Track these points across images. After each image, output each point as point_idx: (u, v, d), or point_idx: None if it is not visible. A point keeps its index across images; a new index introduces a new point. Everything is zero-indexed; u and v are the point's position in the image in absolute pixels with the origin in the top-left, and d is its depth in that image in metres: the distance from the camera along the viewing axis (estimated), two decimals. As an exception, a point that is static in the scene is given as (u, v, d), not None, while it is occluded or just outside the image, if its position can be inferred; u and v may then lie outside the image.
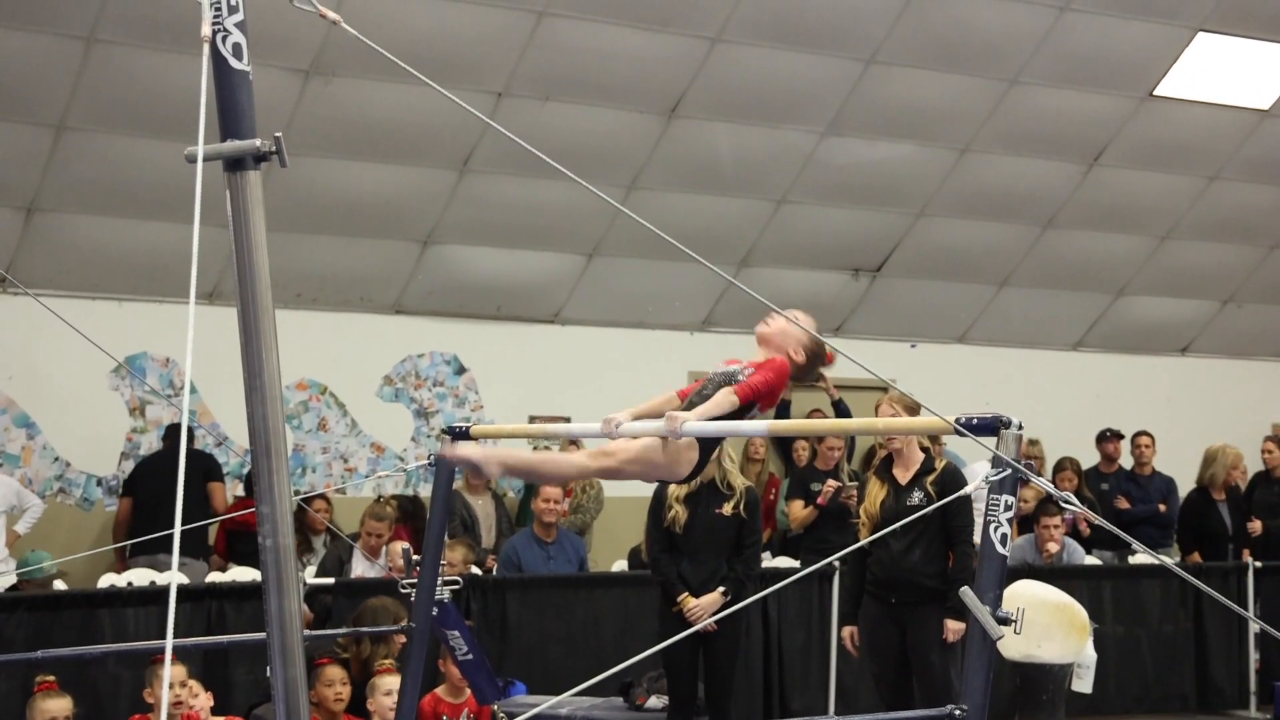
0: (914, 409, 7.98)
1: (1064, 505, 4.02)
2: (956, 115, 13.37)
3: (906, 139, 13.50)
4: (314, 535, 11.68)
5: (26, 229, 11.77)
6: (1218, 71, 13.59)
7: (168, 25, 10.61)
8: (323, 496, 11.94)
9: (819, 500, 11.74)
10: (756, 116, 12.89)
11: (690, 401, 5.45)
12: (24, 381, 12.13)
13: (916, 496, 8.14)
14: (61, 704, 7.91)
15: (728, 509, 8.70)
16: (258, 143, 3.40)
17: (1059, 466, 13.60)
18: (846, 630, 8.60)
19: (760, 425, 5.73)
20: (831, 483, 11.79)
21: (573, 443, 12.61)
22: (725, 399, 5.33)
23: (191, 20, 3.47)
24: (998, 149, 13.76)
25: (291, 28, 10.10)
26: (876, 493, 8.32)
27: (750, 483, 9.26)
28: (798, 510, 11.99)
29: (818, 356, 5.55)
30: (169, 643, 3.30)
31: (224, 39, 3.41)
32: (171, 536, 3.43)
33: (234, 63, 3.42)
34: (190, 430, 11.32)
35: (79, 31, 10.76)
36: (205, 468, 11.71)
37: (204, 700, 8.27)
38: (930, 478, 8.17)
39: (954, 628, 7.86)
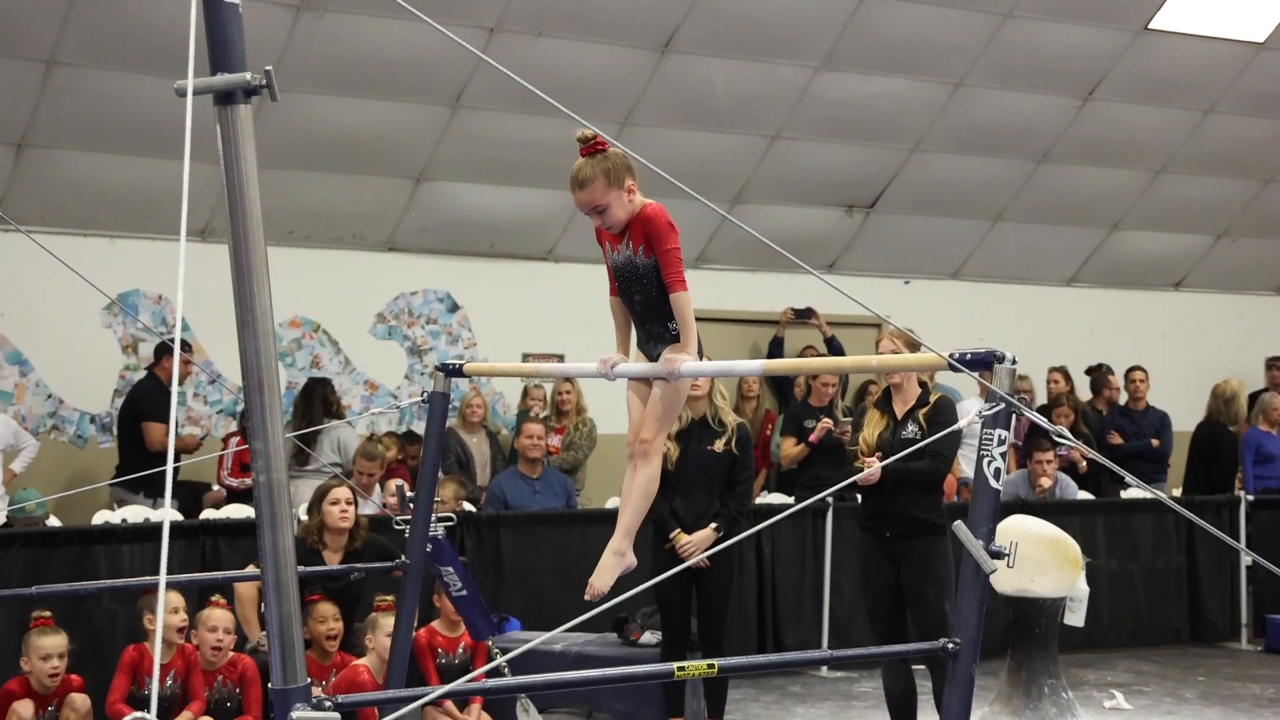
0: (914, 344, 7.99)
1: (1058, 440, 4.01)
2: (951, 49, 13.31)
3: (900, 74, 13.44)
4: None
5: (17, 165, 11.72)
6: (1213, 4, 13.54)
7: (157, -40, 10.54)
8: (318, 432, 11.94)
9: (811, 438, 11.75)
10: (750, 51, 12.82)
11: (641, 313, 5.32)
12: (16, 319, 12.11)
13: (911, 429, 8.14)
14: (56, 640, 7.95)
15: (719, 445, 8.70)
16: (248, 76, 3.38)
17: (1055, 402, 13.60)
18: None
19: (754, 365, 5.70)
20: (826, 421, 11.80)
21: (567, 381, 12.65)
22: (685, 305, 5.22)
23: (180, -47, 3.44)
24: (992, 83, 13.71)
25: (282, -38, 10.03)
26: (876, 424, 8.33)
27: (742, 419, 9.27)
28: (790, 447, 12.01)
29: (624, 165, 5.12)
30: (162, 579, 3.31)
31: (214, -29, 3.39)
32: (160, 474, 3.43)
33: (224, -4, 3.40)
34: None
35: (68, -34, 10.69)
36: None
37: (230, 640, 8.34)
38: (923, 410, 8.18)
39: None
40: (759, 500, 11.65)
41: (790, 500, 11.84)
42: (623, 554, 5.58)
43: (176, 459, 10.35)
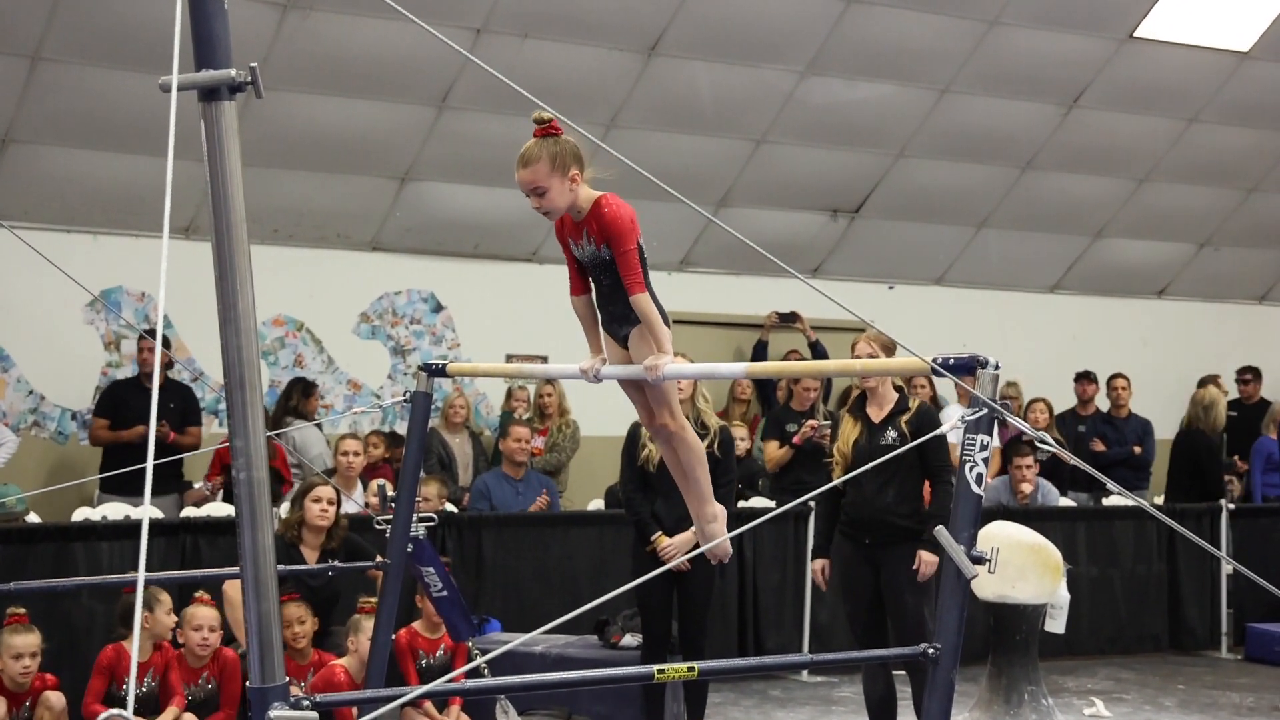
0: (890, 347, 7.98)
1: (1040, 445, 4.01)
2: (936, 56, 13.32)
3: (886, 79, 13.45)
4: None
5: (1, 161, 11.68)
6: (1198, 13, 13.56)
7: (143, -44, 10.52)
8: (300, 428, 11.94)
9: (794, 440, 11.75)
10: (736, 55, 12.83)
11: (607, 295, 5.31)
12: (-1, 314, 12.10)
13: (890, 435, 8.13)
14: (29, 640, 7.91)
15: (701, 448, 8.70)
16: (233, 73, 3.38)
17: (1027, 408, 13.63)
18: (817, 564, 8.62)
19: (738, 367, 5.71)
20: (811, 422, 11.81)
21: (549, 382, 12.65)
22: (646, 307, 5.16)
23: (166, -51, 3.43)
24: (977, 90, 13.73)
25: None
26: (850, 431, 8.31)
27: (725, 423, 9.28)
28: (773, 450, 12.01)
29: (573, 153, 5.07)
30: (140, 576, 3.30)
31: (200, -32, 3.38)
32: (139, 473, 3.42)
33: (209, -8, 3.39)
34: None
35: (53, -38, 10.67)
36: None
37: (215, 638, 8.33)
38: (905, 416, 8.17)
39: (927, 559, 7.87)
40: (741, 504, 11.64)
41: (771, 504, 11.84)
42: (716, 516, 5.67)
43: (158, 456, 10.33)
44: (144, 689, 8.02)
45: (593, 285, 5.36)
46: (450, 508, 10.87)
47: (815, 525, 9.63)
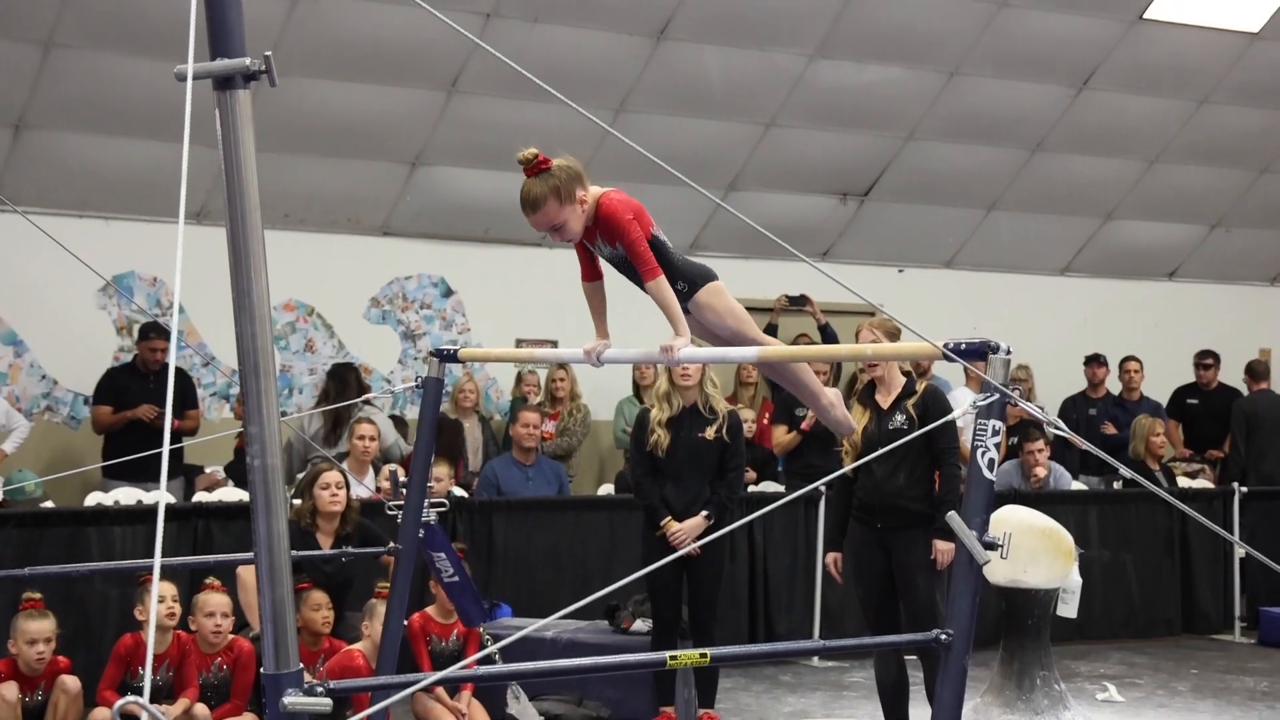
0: (895, 333, 7.98)
1: (1050, 429, 4.01)
2: (946, 38, 13.30)
3: (895, 62, 13.43)
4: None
5: (15, 146, 11.70)
6: (1208, -6, 13.55)
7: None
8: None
9: (803, 425, 11.74)
10: (745, 38, 12.81)
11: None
12: (11, 299, 12.10)
13: (899, 420, 8.13)
14: (44, 625, 7.94)
15: (710, 433, 8.71)
16: (247, 61, 3.38)
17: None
18: (830, 556, 8.62)
19: (750, 352, 5.71)
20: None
21: (561, 367, 12.65)
22: (661, 291, 5.22)
23: (180, -63, 3.43)
24: (987, 72, 13.70)
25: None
26: (859, 419, 8.30)
27: (733, 406, 9.28)
28: (782, 435, 12.00)
29: (573, 176, 5.14)
30: (156, 561, 3.31)
31: (213, -45, 3.39)
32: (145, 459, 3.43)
33: (224, -21, 3.40)
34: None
35: (65, -53, 10.68)
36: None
37: (228, 624, 8.35)
38: (911, 400, 8.17)
39: (942, 548, 7.88)
40: (751, 489, 11.64)
41: (782, 489, 11.84)
42: (832, 403, 6.04)
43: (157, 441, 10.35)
44: (159, 679, 8.04)
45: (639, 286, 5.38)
46: (459, 492, 10.88)
47: (827, 517, 9.63)
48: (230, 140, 3.43)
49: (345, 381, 12.09)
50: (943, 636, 4.01)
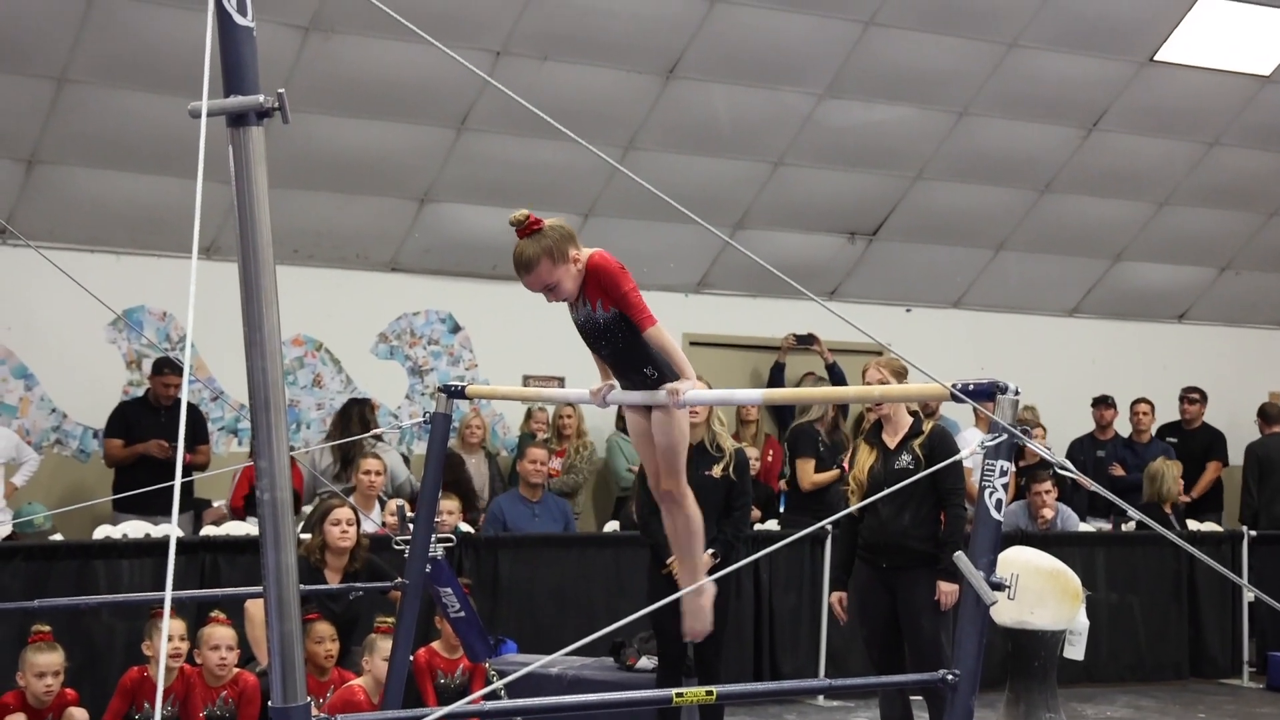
0: (902, 373, 8.00)
1: (1061, 472, 4.02)
2: (955, 78, 13.33)
3: (904, 101, 13.46)
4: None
5: (27, 181, 11.75)
6: (1218, 37, 13.54)
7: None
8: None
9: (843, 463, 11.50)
10: (755, 78, 12.85)
11: (615, 365, 5.41)
12: (23, 333, 12.13)
13: (905, 460, 8.14)
14: (52, 658, 7.95)
15: (717, 471, 8.70)
16: (261, 99, 3.40)
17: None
18: (835, 596, 8.62)
19: (755, 394, 5.76)
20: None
21: (568, 404, 12.65)
22: (661, 338, 5.26)
23: (194, -26, 3.46)
24: (996, 112, 13.73)
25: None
26: (865, 458, 8.31)
27: (739, 445, 9.28)
28: (812, 471, 11.83)
29: (565, 236, 5.20)
30: (167, 595, 3.32)
31: (228, -7, 3.41)
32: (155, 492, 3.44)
33: (238, 18, 3.42)
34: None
35: (80, -16, 10.73)
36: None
37: (234, 657, 8.35)
38: (918, 440, 8.17)
39: (946, 589, 7.87)
40: (757, 527, 11.62)
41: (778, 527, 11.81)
42: (703, 591, 5.69)
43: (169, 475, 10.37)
44: (164, 713, 8.04)
45: (600, 356, 5.37)
46: (466, 528, 10.89)
47: (833, 556, 9.62)
48: (243, 177, 3.46)
49: (349, 415, 12.12)
50: (949, 677, 4.01)
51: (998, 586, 3.91)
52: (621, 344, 5.28)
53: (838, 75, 12.96)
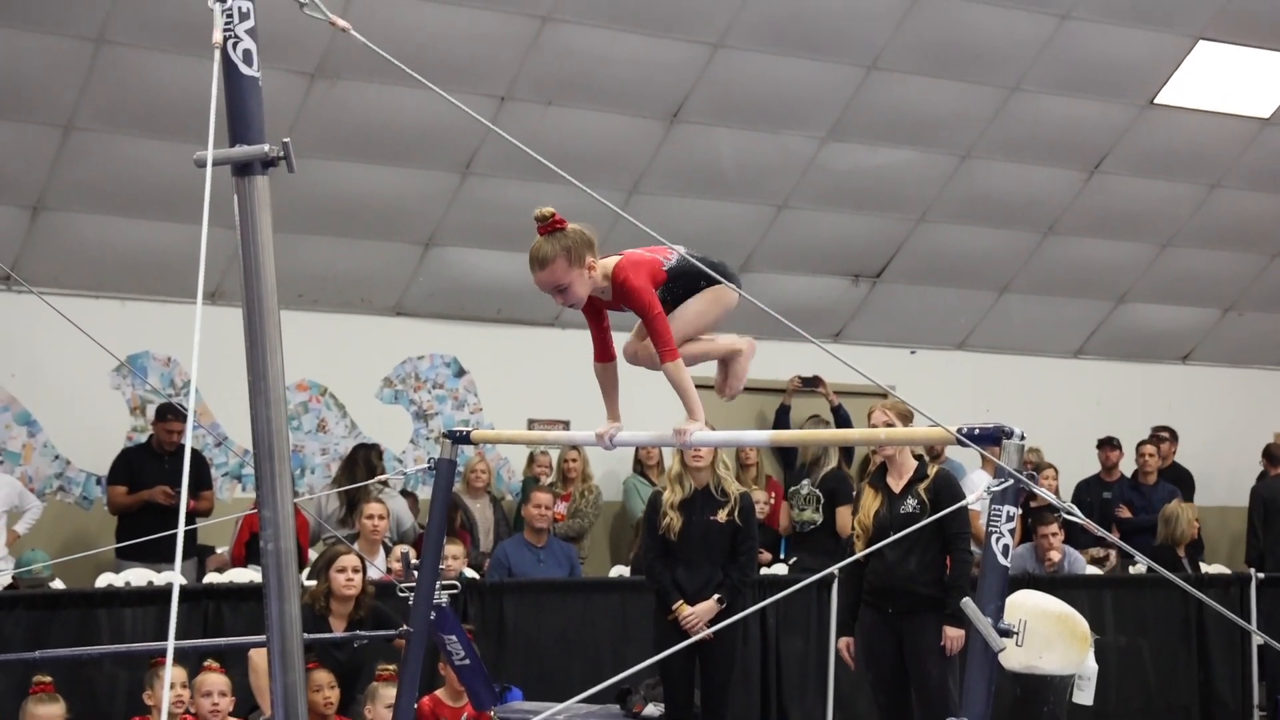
0: (907, 415, 7.98)
1: (1067, 515, 4.00)
2: (958, 121, 13.36)
3: (907, 145, 13.48)
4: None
5: (32, 227, 11.76)
6: (1218, 80, 13.58)
7: (176, 27, 10.58)
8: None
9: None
10: (758, 122, 12.88)
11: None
12: (26, 379, 12.11)
13: (910, 504, 8.12)
14: (53, 710, 7.91)
15: (723, 516, 8.69)
16: (266, 148, 3.41)
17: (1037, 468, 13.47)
18: (843, 641, 8.58)
19: (762, 435, 5.74)
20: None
21: (573, 448, 12.64)
22: (678, 374, 5.19)
23: (199, 23, 3.47)
24: (999, 155, 13.75)
25: (297, 30, 9.97)
26: (870, 503, 8.29)
27: (745, 489, 9.27)
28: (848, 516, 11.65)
29: (585, 241, 5.25)
30: (170, 644, 3.30)
31: (235, 45, 3.42)
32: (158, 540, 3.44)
33: (244, 69, 3.43)
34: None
35: (88, 33, 10.75)
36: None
37: (226, 703, 8.31)
38: (923, 484, 8.15)
39: (952, 634, 7.84)
40: (764, 571, 11.58)
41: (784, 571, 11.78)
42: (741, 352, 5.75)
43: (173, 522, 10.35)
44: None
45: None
46: (471, 573, 10.86)
47: (839, 601, 9.59)
48: (248, 225, 3.46)
49: (355, 460, 12.12)
50: (958, 724, 3.99)
51: (1005, 633, 3.89)
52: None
53: (841, 118, 12.99)
